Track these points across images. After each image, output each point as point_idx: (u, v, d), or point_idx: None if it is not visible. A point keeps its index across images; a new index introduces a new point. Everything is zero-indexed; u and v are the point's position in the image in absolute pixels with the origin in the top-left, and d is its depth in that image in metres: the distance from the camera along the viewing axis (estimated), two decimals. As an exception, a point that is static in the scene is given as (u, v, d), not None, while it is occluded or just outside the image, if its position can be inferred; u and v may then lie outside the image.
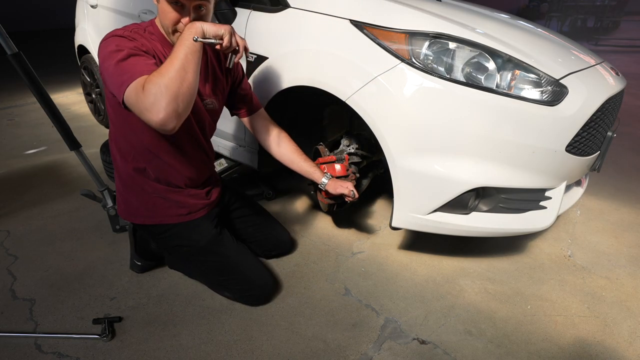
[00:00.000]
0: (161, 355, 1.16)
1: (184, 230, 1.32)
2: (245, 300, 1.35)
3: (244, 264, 1.36)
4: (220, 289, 1.38)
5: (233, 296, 1.36)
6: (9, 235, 1.72)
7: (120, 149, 1.25)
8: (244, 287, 1.33)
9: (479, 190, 1.35)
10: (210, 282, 1.41)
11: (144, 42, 1.12)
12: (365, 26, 1.33)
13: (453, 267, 1.55)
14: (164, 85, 0.96)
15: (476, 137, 1.26)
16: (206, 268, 1.36)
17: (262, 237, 1.53)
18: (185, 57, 1.00)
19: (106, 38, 1.09)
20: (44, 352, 1.17)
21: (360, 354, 1.18)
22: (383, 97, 1.29)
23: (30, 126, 3.11)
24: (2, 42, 1.30)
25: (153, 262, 1.50)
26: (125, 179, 1.28)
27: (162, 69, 0.99)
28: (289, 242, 1.61)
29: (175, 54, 1.00)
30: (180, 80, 0.98)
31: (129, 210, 1.32)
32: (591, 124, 1.36)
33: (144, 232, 1.42)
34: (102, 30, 2.56)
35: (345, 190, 1.37)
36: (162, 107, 0.96)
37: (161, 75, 0.97)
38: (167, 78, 0.97)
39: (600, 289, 1.46)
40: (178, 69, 0.98)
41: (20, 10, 8.34)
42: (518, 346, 1.21)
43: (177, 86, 0.97)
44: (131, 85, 0.98)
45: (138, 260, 1.48)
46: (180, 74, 0.98)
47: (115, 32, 1.10)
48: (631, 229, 1.83)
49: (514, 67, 1.26)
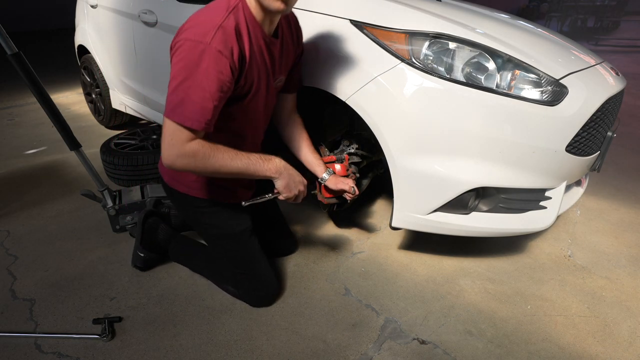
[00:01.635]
0: (161, 355, 1.16)
1: (224, 212, 1.31)
2: (250, 299, 1.35)
3: (260, 263, 1.36)
4: (228, 282, 1.37)
5: (238, 292, 1.35)
6: (9, 235, 1.72)
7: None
8: (254, 285, 1.33)
9: (479, 190, 1.35)
10: (220, 273, 1.40)
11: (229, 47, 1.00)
12: (365, 26, 1.33)
13: (453, 267, 1.55)
14: (199, 165, 1.03)
15: (476, 137, 1.26)
16: (227, 256, 1.35)
17: (272, 238, 1.55)
18: (246, 169, 1.08)
19: (203, 39, 0.96)
20: (44, 352, 1.17)
21: (360, 354, 1.18)
22: (383, 97, 1.29)
23: (30, 126, 3.11)
24: (2, 42, 1.30)
25: (156, 255, 1.50)
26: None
27: (217, 154, 1.03)
28: (295, 245, 1.65)
29: (243, 160, 1.07)
30: (213, 173, 1.06)
31: (176, 177, 1.29)
32: (591, 124, 1.36)
33: (180, 201, 1.34)
34: (102, 30, 2.57)
35: (346, 186, 1.37)
36: (180, 163, 1.02)
37: (206, 157, 1.02)
38: (208, 165, 1.03)
39: (600, 289, 1.46)
40: (224, 170, 1.05)
41: (20, 10, 8.34)
42: (518, 346, 1.21)
43: (205, 172, 1.05)
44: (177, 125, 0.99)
45: (141, 251, 1.47)
46: (220, 172, 1.06)
47: (214, 41, 0.96)
48: (631, 229, 1.83)
49: (514, 67, 1.26)
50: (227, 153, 1.06)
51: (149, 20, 2.04)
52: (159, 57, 2.05)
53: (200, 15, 1.02)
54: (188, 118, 0.98)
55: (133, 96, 2.50)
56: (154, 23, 2.01)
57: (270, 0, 1.00)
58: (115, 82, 2.64)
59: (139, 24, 2.13)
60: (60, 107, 1.55)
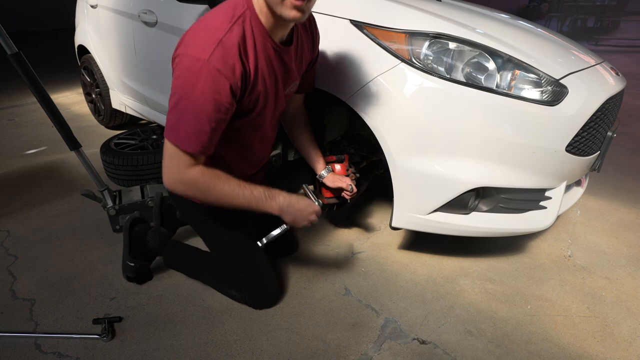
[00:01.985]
0: (161, 355, 1.16)
1: (228, 217, 1.29)
2: (253, 302, 1.33)
3: (264, 267, 1.35)
4: (230, 286, 1.35)
5: (240, 296, 1.33)
6: (9, 235, 1.72)
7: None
8: (257, 288, 1.32)
9: (479, 190, 1.35)
10: (221, 277, 1.37)
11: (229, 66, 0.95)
12: (365, 26, 1.33)
13: (453, 267, 1.55)
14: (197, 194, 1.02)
15: (476, 137, 1.26)
16: (230, 260, 1.33)
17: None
18: (248, 204, 1.07)
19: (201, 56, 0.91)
20: (44, 352, 1.17)
21: (360, 354, 1.18)
22: (383, 97, 1.29)
23: (30, 126, 3.11)
24: (2, 42, 1.30)
25: (147, 263, 1.45)
26: None
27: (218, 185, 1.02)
28: (296, 246, 1.64)
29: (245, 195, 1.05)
30: (215, 203, 1.04)
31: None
32: (591, 124, 1.36)
33: (184, 207, 1.30)
34: (102, 30, 2.57)
35: (344, 184, 1.37)
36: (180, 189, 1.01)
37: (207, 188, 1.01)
38: (209, 195, 1.02)
39: (600, 289, 1.46)
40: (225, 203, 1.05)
41: (20, 10, 8.34)
42: (518, 346, 1.21)
43: (206, 201, 1.04)
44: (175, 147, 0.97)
45: (131, 261, 1.42)
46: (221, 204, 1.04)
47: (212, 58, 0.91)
48: (631, 229, 1.83)
49: (514, 67, 1.26)
50: (230, 185, 1.04)
51: (149, 20, 2.04)
52: (159, 57, 2.05)
53: (201, 27, 0.96)
54: (184, 141, 0.95)
55: (133, 96, 2.50)
56: (154, 23, 2.01)
57: (285, 9, 0.93)
58: (115, 82, 2.64)
59: (139, 24, 2.13)
60: (60, 107, 1.55)
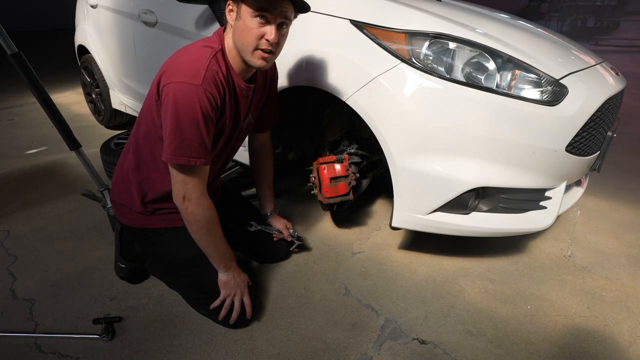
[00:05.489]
0: (161, 356, 1.16)
1: (173, 238, 1.29)
2: (223, 322, 1.25)
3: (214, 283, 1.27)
4: (196, 305, 1.31)
5: (208, 315, 1.27)
6: (9, 235, 1.72)
7: (141, 155, 1.24)
8: (218, 309, 1.24)
9: (479, 190, 1.35)
10: (187, 297, 1.33)
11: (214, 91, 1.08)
12: (365, 26, 1.33)
13: (453, 267, 1.55)
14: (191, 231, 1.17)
15: (476, 137, 1.26)
16: (185, 281, 1.31)
17: (260, 248, 1.53)
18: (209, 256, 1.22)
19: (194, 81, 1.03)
20: (44, 352, 1.17)
21: (360, 354, 1.18)
22: (383, 97, 1.29)
23: (30, 126, 3.11)
24: (2, 42, 1.30)
25: (138, 265, 1.44)
26: (125, 178, 1.28)
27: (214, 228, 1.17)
28: (286, 252, 1.57)
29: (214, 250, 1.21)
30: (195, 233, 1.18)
31: (124, 211, 1.31)
32: (591, 124, 1.36)
33: (132, 235, 1.39)
34: (102, 30, 2.57)
35: (285, 233, 1.52)
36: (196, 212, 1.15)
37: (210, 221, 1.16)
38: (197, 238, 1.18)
39: (600, 289, 1.46)
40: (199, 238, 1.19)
41: (20, 10, 8.34)
42: (518, 346, 1.21)
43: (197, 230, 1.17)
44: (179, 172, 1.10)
45: (122, 262, 1.42)
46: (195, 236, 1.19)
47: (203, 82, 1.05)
48: (631, 229, 1.83)
49: (514, 67, 1.26)
50: (217, 234, 1.20)
51: (149, 20, 2.04)
52: (159, 57, 2.05)
53: (185, 59, 1.08)
54: (194, 158, 1.07)
55: (133, 96, 2.50)
56: (154, 23, 2.01)
57: (254, 58, 1.10)
58: (115, 82, 2.64)
59: (139, 24, 2.13)
60: (60, 107, 1.55)
